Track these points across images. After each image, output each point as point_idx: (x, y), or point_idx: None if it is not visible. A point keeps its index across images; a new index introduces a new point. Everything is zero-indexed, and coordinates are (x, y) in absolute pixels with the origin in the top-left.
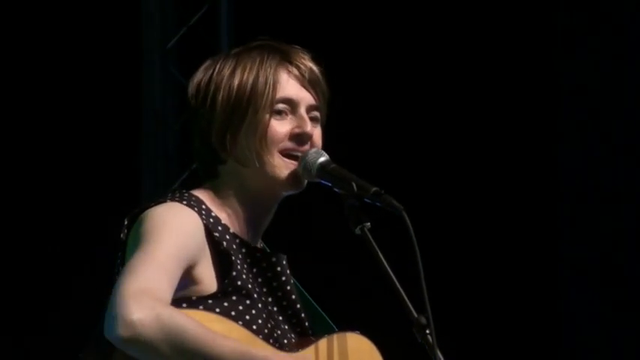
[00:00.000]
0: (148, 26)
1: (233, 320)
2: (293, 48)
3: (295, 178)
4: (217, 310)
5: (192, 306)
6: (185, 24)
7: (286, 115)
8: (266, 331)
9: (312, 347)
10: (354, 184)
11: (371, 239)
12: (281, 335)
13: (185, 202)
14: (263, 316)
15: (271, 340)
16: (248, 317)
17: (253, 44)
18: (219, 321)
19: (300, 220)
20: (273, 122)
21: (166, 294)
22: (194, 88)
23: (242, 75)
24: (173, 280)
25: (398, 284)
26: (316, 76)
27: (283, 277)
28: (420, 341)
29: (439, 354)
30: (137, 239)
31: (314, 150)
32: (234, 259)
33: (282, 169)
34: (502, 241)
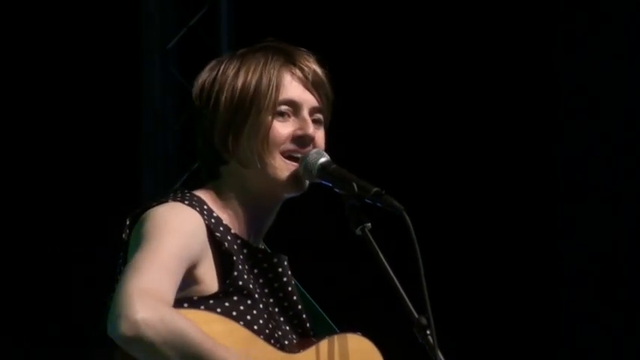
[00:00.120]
0: (148, 26)
1: (234, 320)
2: (298, 50)
3: (296, 180)
4: (218, 310)
5: (193, 306)
6: (185, 24)
7: (289, 117)
8: (267, 332)
9: (313, 348)
10: (355, 185)
11: (372, 240)
12: (282, 336)
13: (187, 202)
14: (264, 317)
15: (272, 341)
16: (249, 317)
17: (259, 45)
18: (220, 321)
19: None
20: (275, 124)
21: (170, 295)
22: (198, 89)
23: (246, 76)
24: (176, 281)
25: (398, 285)
26: (320, 79)
27: (284, 278)
28: (421, 341)
29: (440, 354)
30: (139, 239)
31: (315, 150)
32: (235, 260)
33: (283, 171)
34: (502, 241)
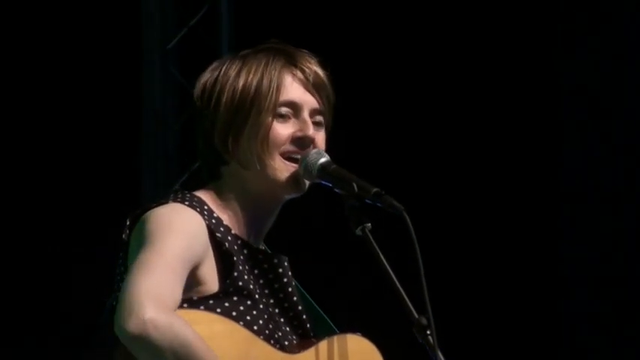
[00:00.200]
0: (149, 27)
1: (234, 320)
2: (299, 51)
3: (296, 181)
4: (218, 311)
5: (193, 306)
6: (185, 24)
7: (289, 118)
8: (267, 332)
9: (313, 349)
10: (355, 185)
11: (372, 240)
12: (282, 337)
13: (187, 203)
14: (264, 317)
15: (272, 341)
16: (249, 318)
17: (261, 47)
18: (220, 321)
19: (300, 222)
20: (275, 125)
21: (177, 296)
22: (200, 89)
23: (247, 77)
24: (181, 282)
25: (399, 285)
26: (321, 80)
27: (285, 279)
28: (421, 342)
29: (440, 354)
30: (141, 240)
31: (315, 151)
32: (235, 260)
33: (282, 172)
34: (502, 241)
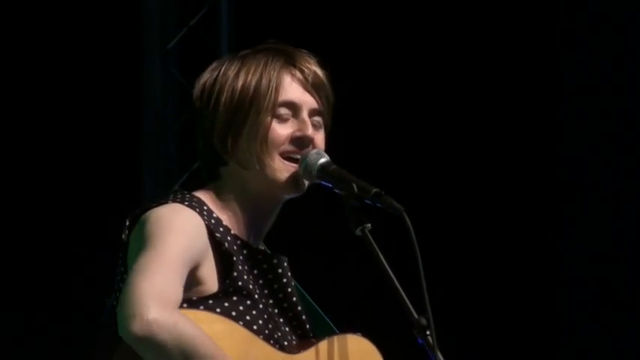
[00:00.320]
0: (149, 27)
1: (234, 320)
2: (298, 51)
3: (295, 181)
4: (218, 311)
5: (192, 306)
6: (185, 24)
7: (288, 119)
8: (266, 332)
9: (312, 349)
10: (355, 186)
11: (371, 240)
12: (281, 337)
13: (187, 204)
14: (264, 317)
15: (271, 341)
16: (249, 318)
17: (260, 47)
18: (220, 321)
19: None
20: (274, 125)
21: (179, 295)
22: (199, 90)
23: (246, 77)
24: (182, 281)
25: (398, 285)
26: (320, 80)
27: (284, 279)
28: (421, 342)
29: (439, 355)
30: (141, 240)
31: (315, 151)
32: (235, 260)
33: (282, 172)
34: (503, 241)
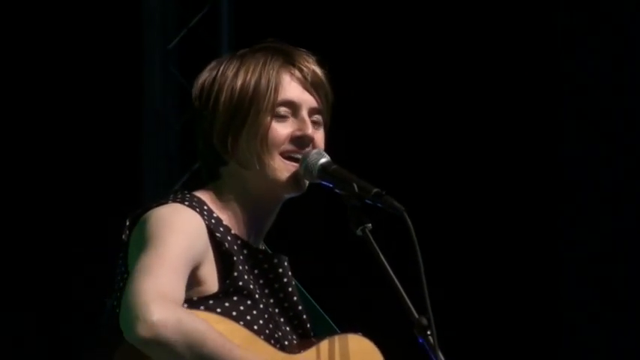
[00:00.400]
0: (149, 27)
1: (234, 320)
2: (297, 50)
3: (296, 181)
4: (218, 311)
5: (193, 306)
6: (186, 25)
7: (288, 118)
8: (267, 332)
9: (313, 349)
10: (356, 185)
11: (372, 240)
12: (282, 336)
13: (187, 203)
14: (264, 317)
15: (272, 341)
16: (249, 318)
17: (258, 46)
18: (220, 321)
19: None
20: (274, 125)
21: (181, 295)
22: (198, 89)
23: (245, 77)
24: (184, 281)
25: (399, 285)
26: (319, 79)
27: (285, 279)
28: (421, 342)
29: (440, 355)
30: (142, 240)
31: (315, 151)
32: (235, 260)
33: (282, 172)
34: (503, 242)
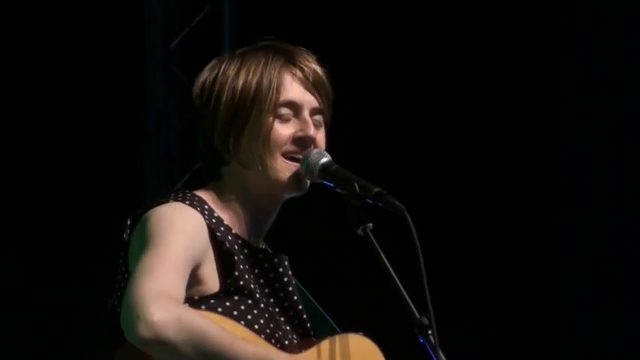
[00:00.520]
0: (151, 26)
1: (235, 320)
2: (298, 50)
3: (297, 181)
4: (219, 310)
5: (194, 306)
6: (188, 24)
7: (289, 118)
8: (268, 332)
9: (314, 349)
10: (357, 185)
11: (373, 240)
12: (282, 336)
13: (188, 203)
14: (265, 317)
15: (273, 341)
16: (250, 317)
17: (259, 45)
18: (221, 321)
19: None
20: (276, 125)
21: (182, 295)
22: (199, 88)
23: (246, 76)
24: (184, 280)
25: (400, 285)
26: (320, 79)
27: (285, 278)
28: (422, 341)
29: (441, 354)
30: (143, 240)
31: (316, 151)
32: (236, 260)
33: (284, 172)
34: (503, 241)
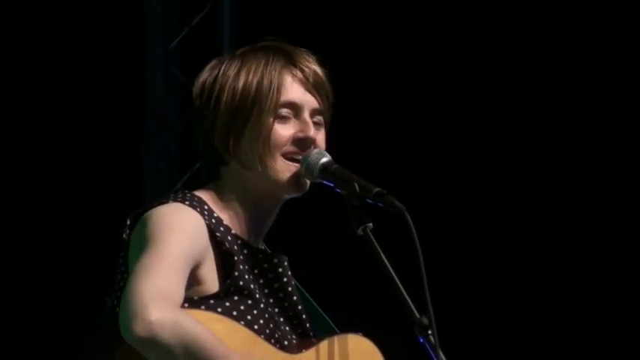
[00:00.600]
0: (151, 26)
1: (235, 320)
2: (298, 50)
3: (297, 181)
4: (219, 310)
5: (194, 306)
6: (187, 24)
7: (290, 119)
8: (267, 332)
9: (313, 349)
10: (357, 185)
11: (373, 240)
12: (282, 336)
13: (187, 203)
14: (265, 317)
15: (272, 341)
16: (249, 317)
17: (259, 45)
18: (221, 321)
19: (301, 221)
20: (276, 126)
21: (180, 296)
22: (199, 88)
23: (247, 77)
24: (184, 281)
25: (400, 285)
26: (320, 80)
27: (285, 279)
28: (422, 341)
29: (441, 354)
30: (142, 240)
31: (316, 151)
32: (236, 260)
33: (284, 172)
34: (503, 241)
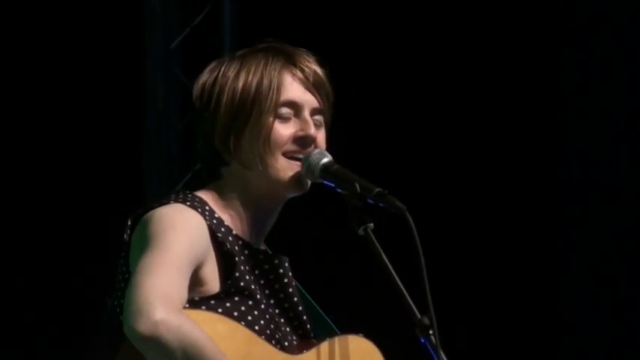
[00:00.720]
0: (151, 26)
1: (235, 321)
2: (298, 50)
3: (298, 181)
4: (220, 311)
5: (194, 306)
6: (188, 24)
7: (290, 118)
8: (268, 332)
9: (314, 350)
10: (357, 185)
11: (374, 240)
12: (282, 337)
13: (189, 204)
14: (265, 318)
15: (273, 342)
16: (250, 318)
17: (259, 46)
18: (221, 321)
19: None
20: (276, 125)
21: (183, 296)
22: (199, 90)
23: (246, 77)
24: (186, 281)
25: (401, 285)
26: (320, 79)
27: (285, 280)
28: (423, 342)
29: (442, 355)
30: (144, 240)
31: (317, 151)
32: (237, 261)
33: (285, 172)
34: (503, 241)
